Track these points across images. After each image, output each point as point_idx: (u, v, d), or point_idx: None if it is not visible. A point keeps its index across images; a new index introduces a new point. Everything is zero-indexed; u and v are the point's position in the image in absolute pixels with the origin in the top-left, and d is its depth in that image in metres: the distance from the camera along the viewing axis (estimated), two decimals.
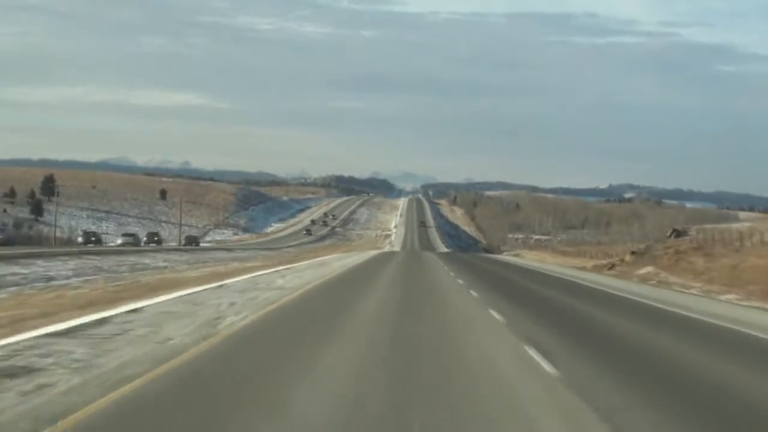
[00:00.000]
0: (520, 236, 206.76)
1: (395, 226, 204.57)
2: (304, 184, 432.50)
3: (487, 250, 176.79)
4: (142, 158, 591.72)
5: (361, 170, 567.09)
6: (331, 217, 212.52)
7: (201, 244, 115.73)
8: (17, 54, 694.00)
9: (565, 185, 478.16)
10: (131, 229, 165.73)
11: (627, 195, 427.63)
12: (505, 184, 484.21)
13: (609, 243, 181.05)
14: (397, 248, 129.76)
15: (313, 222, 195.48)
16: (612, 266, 51.16)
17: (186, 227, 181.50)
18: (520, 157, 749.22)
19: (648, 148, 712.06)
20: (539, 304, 24.51)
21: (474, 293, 26.66)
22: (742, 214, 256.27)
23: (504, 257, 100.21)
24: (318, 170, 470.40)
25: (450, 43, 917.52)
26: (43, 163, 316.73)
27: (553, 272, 48.11)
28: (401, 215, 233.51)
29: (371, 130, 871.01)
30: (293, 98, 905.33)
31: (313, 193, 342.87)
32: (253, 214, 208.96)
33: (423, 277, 38.78)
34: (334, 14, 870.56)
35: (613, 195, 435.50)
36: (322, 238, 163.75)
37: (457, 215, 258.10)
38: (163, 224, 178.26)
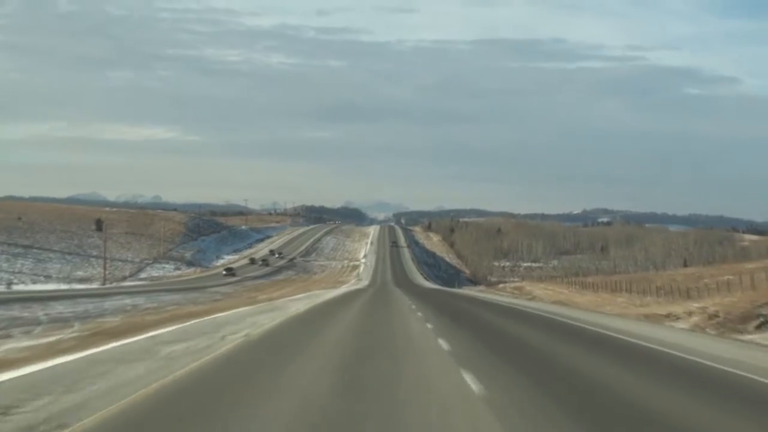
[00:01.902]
0: (507, 264, 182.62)
1: (365, 256, 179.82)
2: (274, 214, 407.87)
3: (473, 281, 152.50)
4: (112, 193, 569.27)
5: (333, 200, 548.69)
6: (276, 255, 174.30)
7: (125, 283, 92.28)
8: None
9: (539, 211, 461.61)
10: (52, 267, 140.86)
11: (601, 219, 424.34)
12: (479, 211, 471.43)
13: (619, 271, 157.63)
14: (365, 282, 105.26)
15: (252, 260, 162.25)
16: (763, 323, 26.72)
17: (120, 262, 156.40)
18: (492, 184, 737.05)
19: (620, 173, 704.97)
20: None
21: None
22: (746, 236, 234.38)
23: (506, 297, 75.57)
24: (290, 201, 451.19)
25: (418, 71, 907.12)
26: (9, 199, 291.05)
27: (646, 341, 22.63)
28: (372, 243, 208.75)
29: (342, 159, 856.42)
30: (263, 129, 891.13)
31: (277, 222, 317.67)
32: (202, 245, 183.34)
33: (393, 364, 13.80)
34: (301, 45, 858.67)
35: (587, 220, 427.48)
36: (276, 271, 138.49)
37: (433, 242, 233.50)
38: (92, 259, 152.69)
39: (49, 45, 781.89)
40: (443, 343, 18.17)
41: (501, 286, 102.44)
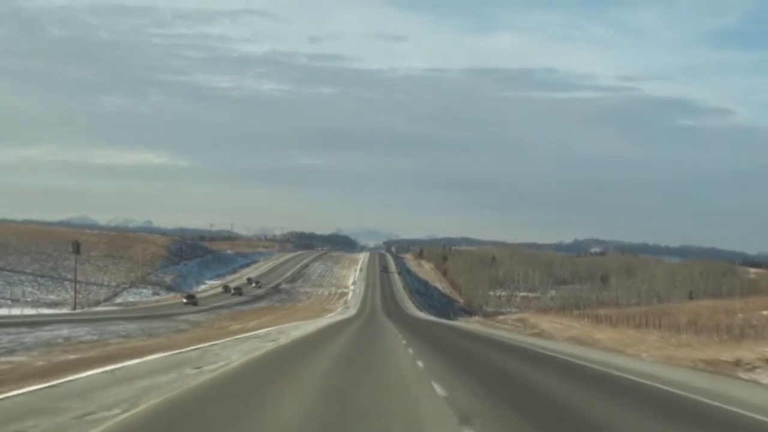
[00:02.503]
0: (503, 293, 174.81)
1: (353, 283, 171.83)
2: (263, 239, 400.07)
3: (467, 311, 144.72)
4: (104, 217, 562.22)
5: (323, 227, 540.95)
6: (254, 284, 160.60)
7: (98, 308, 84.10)
8: None
9: (530, 240, 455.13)
10: (22, 290, 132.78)
11: (593, 249, 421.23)
12: (470, 239, 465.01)
13: (622, 303, 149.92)
14: (352, 311, 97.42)
15: (226, 288, 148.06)
16: None
17: (95, 286, 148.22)
18: (483, 213, 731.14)
19: (612, 203, 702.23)
20: None
21: None
22: (750, 269, 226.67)
23: (508, 332, 67.82)
24: (280, 227, 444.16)
25: (409, 99, 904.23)
26: None
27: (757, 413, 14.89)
28: (361, 269, 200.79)
29: (333, 187, 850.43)
30: (254, 156, 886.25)
31: (265, 247, 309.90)
32: (184, 270, 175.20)
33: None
34: (293, 72, 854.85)
35: (579, 250, 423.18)
36: (257, 298, 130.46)
37: (425, 270, 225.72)
38: (66, 282, 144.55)
39: (41, 69, 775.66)
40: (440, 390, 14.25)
41: (501, 318, 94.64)
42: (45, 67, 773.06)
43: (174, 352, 26.06)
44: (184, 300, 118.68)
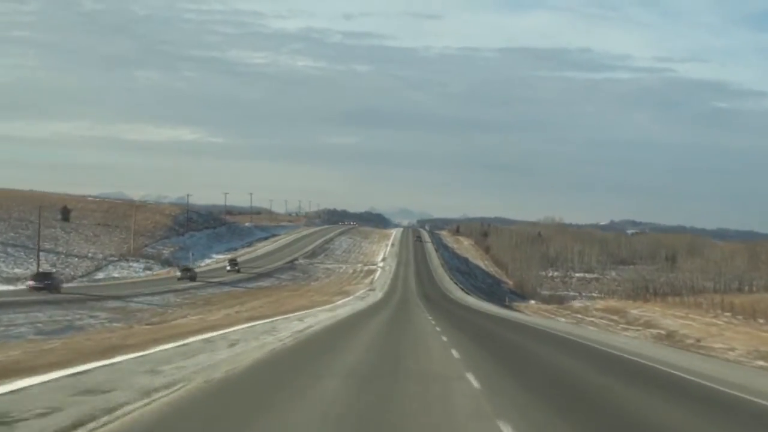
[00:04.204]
0: (557, 274, 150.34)
1: (383, 259, 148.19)
2: (295, 216, 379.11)
3: (519, 294, 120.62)
4: (137, 193, 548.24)
5: (356, 205, 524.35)
6: (234, 268, 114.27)
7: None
8: (9, 87, 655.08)
9: (566, 221, 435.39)
10: None
11: (629, 231, 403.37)
12: (505, 219, 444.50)
13: (698, 288, 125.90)
14: (378, 294, 74.04)
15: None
16: None
17: (77, 258, 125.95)
18: (517, 193, 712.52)
19: (647, 185, 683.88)
20: None
21: None
22: None
23: (611, 333, 43.85)
24: (313, 205, 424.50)
25: (443, 78, 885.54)
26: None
27: None
28: (393, 245, 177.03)
29: (367, 165, 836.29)
30: (288, 133, 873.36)
31: (291, 221, 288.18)
32: (189, 242, 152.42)
33: None
34: (327, 49, 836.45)
35: (615, 231, 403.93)
36: (263, 275, 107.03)
37: (464, 246, 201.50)
38: (43, 254, 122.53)
39: (74, 44, 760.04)
40: None
41: (579, 306, 70.22)
42: (78, 41, 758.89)
43: None
44: (179, 274, 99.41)
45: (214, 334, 25.70)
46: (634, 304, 60.05)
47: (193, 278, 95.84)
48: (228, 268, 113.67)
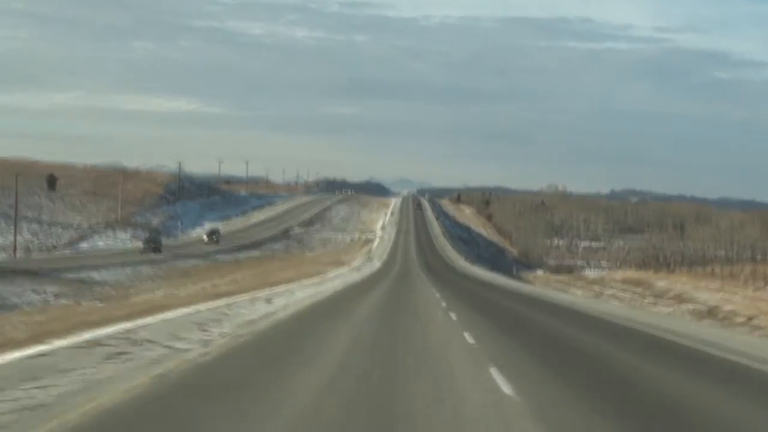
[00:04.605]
0: (562, 242, 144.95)
1: (382, 227, 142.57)
2: (294, 186, 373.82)
3: (524, 264, 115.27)
4: (134, 164, 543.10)
5: (356, 176, 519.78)
6: (212, 238, 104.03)
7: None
8: (4, 58, 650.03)
9: (567, 190, 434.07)
10: None
11: (632, 199, 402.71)
12: (505, 189, 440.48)
13: (710, 257, 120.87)
14: (376, 264, 68.62)
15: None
16: None
17: (60, 228, 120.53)
18: (518, 163, 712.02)
19: (647, 154, 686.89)
20: None
21: None
22: None
23: (639, 310, 38.47)
24: (312, 174, 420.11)
25: (443, 48, 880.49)
26: None
27: None
28: (392, 213, 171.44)
29: (366, 135, 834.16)
30: (287, 103, 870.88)
31: (288, 190, 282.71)
32: (180, 211, 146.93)
33: None
34: (325, 18, 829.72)
35: (616, 200, 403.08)
36: (257, 244, 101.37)
37: (466, 214, 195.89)
38: (24, 223, 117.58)
39: (71, 14, 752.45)
40: None
41: (594, 276, 64.61)
42: (75, 11, 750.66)
43: None
44: (141, 246, 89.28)
45: (127, 326, 18.80)
46: (658, 275, 54.33)
47: (158, 249, 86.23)
48: (206, 239, 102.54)
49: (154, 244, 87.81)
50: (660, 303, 41.38)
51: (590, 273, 73.49)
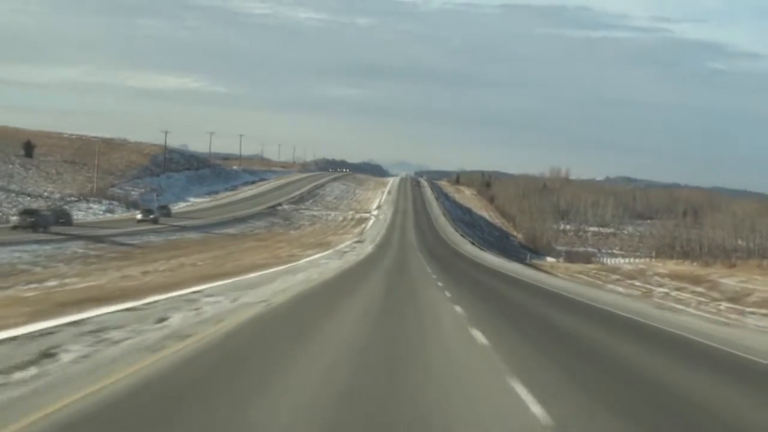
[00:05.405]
0: (569, 228, 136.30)
1: (378, 207, 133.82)
2: (292, 164, 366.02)
3: (531, 250, 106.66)
4: (139, 139, 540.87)
5: (355, 157, 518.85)
6: (148, 217, 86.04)
7: None
8: (13, 32, 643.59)
9: (563, 176, 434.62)
10: None
11: (629, 187, 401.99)
12: (502, 173, 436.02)
13: (729, 246, 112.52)
14: (367, 248, 59.91)
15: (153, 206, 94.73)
16: None
17: (29, 198, 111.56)
18: (515, 148, 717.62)
19: (642, 143, 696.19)
20: None
21: None
22: None
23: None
24: (310, 154, 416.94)
25: (444, 33, 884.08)
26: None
27: None
28: (389, 192, 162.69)
29: (366, 117, 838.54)
30: (290, 84, 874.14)
31: (283, 167, 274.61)
32: (164, 183, 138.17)
33: None
34: (329, 0, 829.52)
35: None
36: (238, 220, 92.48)
37: (466, 196, 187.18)
38: None
39: None
40: None
41: (631, 269, 55.33)
42: None
43: None
44: (139, 216, 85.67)
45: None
46: (713, 270, 44.60)
47: (156, 221, 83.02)
48: (139, 217, 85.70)
49: (153, 216, 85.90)
50: (747, 311, 31.37)
51: (612, 262, 64.75)
